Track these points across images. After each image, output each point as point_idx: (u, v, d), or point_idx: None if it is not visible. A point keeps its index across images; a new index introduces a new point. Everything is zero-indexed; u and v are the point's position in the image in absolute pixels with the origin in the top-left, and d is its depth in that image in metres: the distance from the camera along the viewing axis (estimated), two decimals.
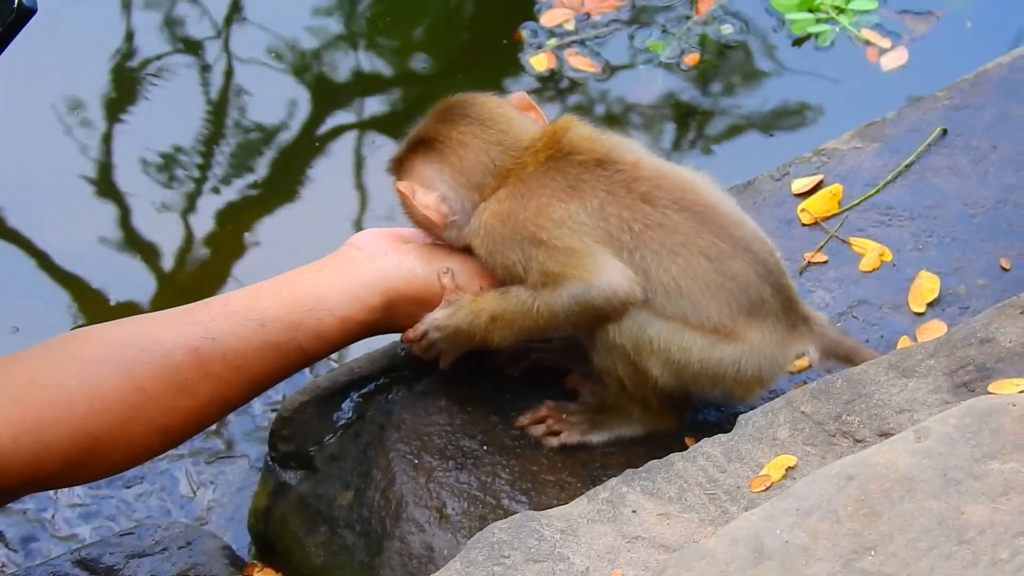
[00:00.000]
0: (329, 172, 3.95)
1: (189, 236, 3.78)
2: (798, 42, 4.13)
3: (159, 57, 4.12)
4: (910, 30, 4.16)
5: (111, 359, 2.58)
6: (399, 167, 2.78)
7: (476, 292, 2.74)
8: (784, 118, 4.08)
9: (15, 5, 2.26)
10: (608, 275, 2.62)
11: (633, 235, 2.64)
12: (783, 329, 2.70)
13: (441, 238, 2.79)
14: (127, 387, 2.58)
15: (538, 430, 2.81)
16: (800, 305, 2.73)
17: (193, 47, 4.14)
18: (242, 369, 2.65)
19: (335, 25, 4.26)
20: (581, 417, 2.80)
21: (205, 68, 4.10)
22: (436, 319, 2.72)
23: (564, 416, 2.80)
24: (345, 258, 2.76)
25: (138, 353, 2.59)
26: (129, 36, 4.16)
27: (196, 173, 3.90)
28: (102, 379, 2.57)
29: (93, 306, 3.61)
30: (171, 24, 4.21)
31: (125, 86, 4.03)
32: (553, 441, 2.79)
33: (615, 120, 4.01)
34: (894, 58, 4.09)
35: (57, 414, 2.54)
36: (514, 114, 2.77)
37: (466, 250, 2.77)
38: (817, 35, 4.12)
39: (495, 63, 4.10)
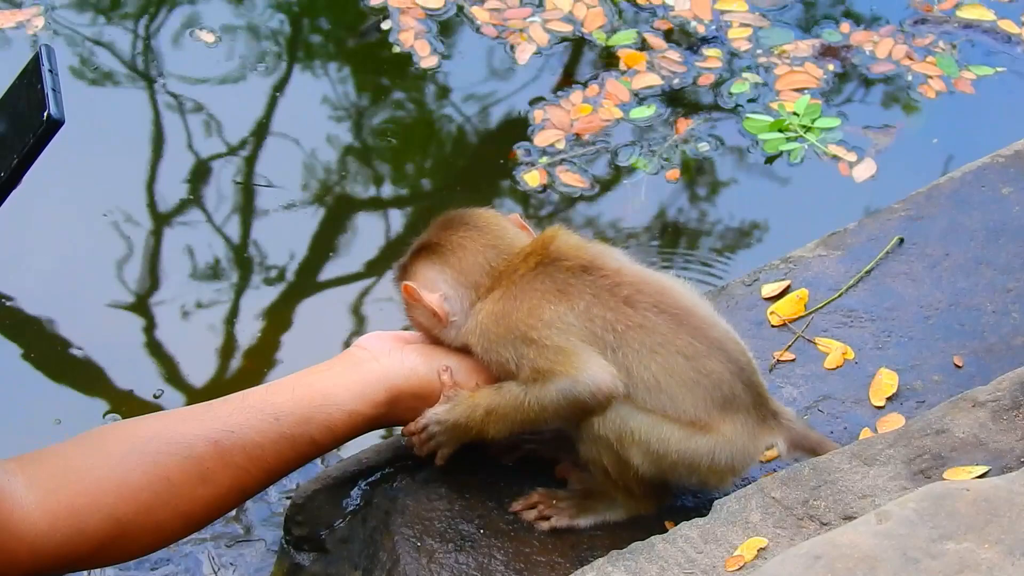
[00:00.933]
0: (336, 285, 4.00)
1: (216, 339, 3.82)
2: (770, 160, 4.17)
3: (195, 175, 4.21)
4: (874, 143, 4.23)
5: (137, 451, 2.63)
6: (404, 272, 2.84)
7: (473, 388, 2.78)
8: (755, 228, 4.13)
9: (44, 117, 2.27)
10: (592, 371, 2.66)
11: (616, 335, 2.68)
12: (754, 422, 2.73)
13: (439, 338, 2.83)
14: (153, 477, 2.63)
15: (530, 515, 2.84)
16: (770, 401, 2.76)
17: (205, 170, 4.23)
18: (259, 459, 2.70)
19: (345, 138, 4.31)
20: (570, 503, 2.83)
21: (222, 193, 4.17)
22: (436, 413, 2.77)
23: (554, 502, 2.83)
24: (352, 358, 2.81)
25: (163, 446, 2.64)
26: (158, 152, 4.24)
27: (220, 284, 3.93)
28: (130, 470, 2.62)
29: (127, 400, 3.65)
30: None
31: (153, 201, 4.08)
32: (544, 525, 2.82)
33: (602, 230, 4.06)
34: (864, 170, 4.13)
35: (89, 502, 2.59)
36: (508, 224, 2.83)
37: (463, 349, 2.82)
38: (789, 152, 4.17)
39: (492, 180, 4.16)
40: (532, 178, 4.13)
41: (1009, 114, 4.29)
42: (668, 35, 4.46)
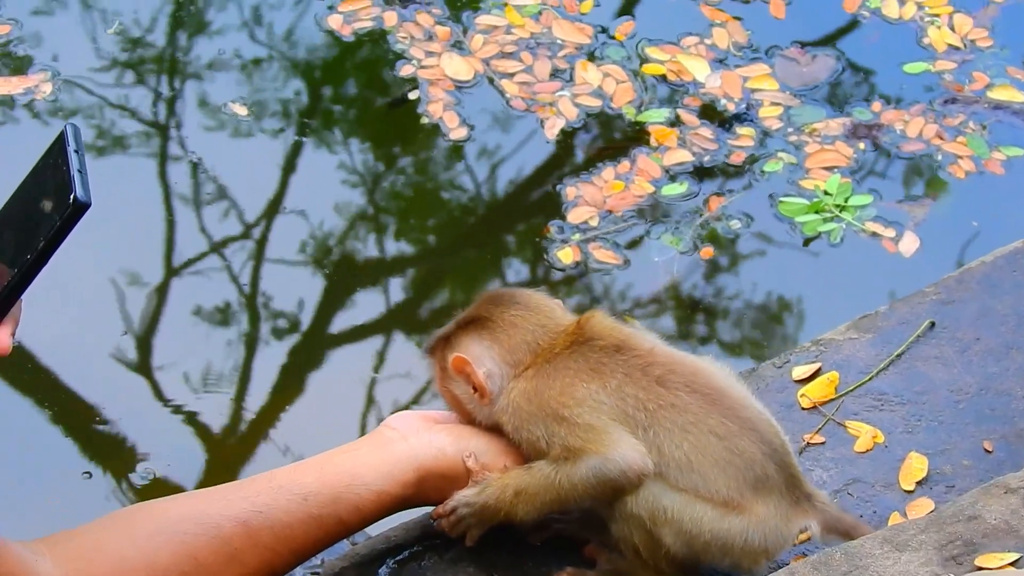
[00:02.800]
0: (358, 358, 4.03)
1: (231, 413, 3.84)
2: (807, 241, 4.21)
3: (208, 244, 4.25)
4: (911, 217, 4.27)
5: (166, 532, 2.66)
6: (446, 344, 2.85)
7: (502, 470, 2.80)
8: (790, 309, 4.17)
9: (70, 199, 2.24)
10: (622, 450, 2.68)
11: (648, 414, 2.71)
12: (787, 504, 2.74)
13: (471, 414, 2.86)
14: (181, 557, 2.65)
15: None
16: (803, 483, 2.77)
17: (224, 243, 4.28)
18: (287, 539, 2.71)
19: (366, 217, 4.34)
20: None
21: (238, 259, 4.22)
22: (465, 496, 2.79)
23: None
24: (381, 438, 2.84)
25: (191, 526, 2.66)
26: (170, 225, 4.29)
27: (240, 353, 3.98)
28: (158, 550, 2.64)
29: (142, 462, 3.70)
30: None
31: (168, 271, 4.13)
32: None
33: (634, 307, 4.10)
34: (909, 244, 4.17)
35: None
36: (555, 306, 2.86)
37: (492, 428, 2.84)
38: (828, 233, 4.20)
39: (525, 256, 4.20)
40: (565, 255, 4.17)
41: None
42: (699, 112, 4.51)
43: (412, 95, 4.54)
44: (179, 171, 4.37)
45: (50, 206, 2.28)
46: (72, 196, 2.24)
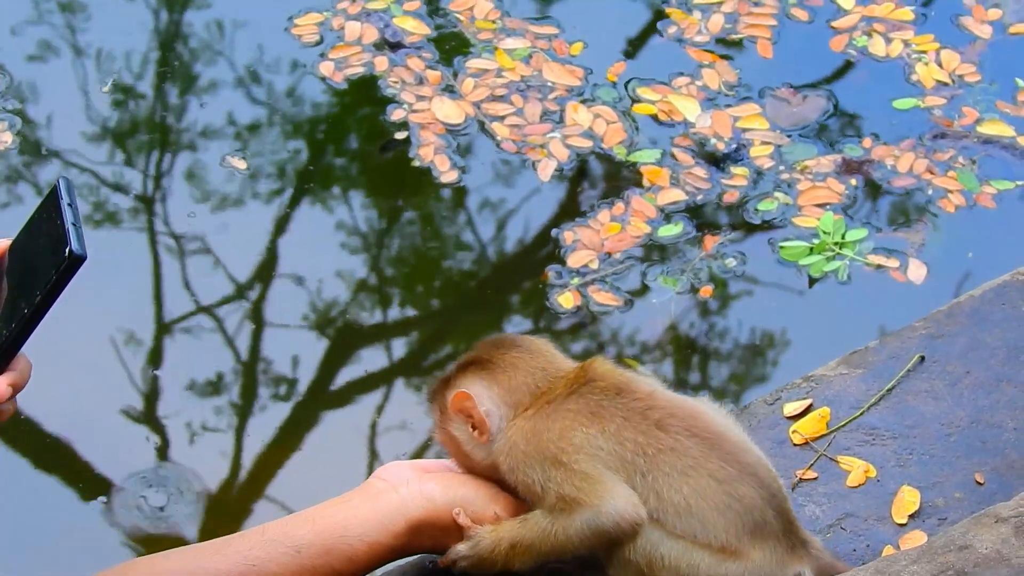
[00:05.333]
0: (356, 411, 4.09)
1: (229, 466, 3.91)
2: (812, 282, 4.27)
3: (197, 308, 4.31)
4: (909, 244, 4.34)
5: None
6: (446, 385, 2.88)
7: (493, 519, 2.83)
8: (779, 347, 4.23)
9: (66, 253, 2.27)
10: (616, 502, 2.71)
11: (647, 459, 2.73)
12: (783, 550, 2.76)
13: (468, 456, 2.89)
14: None
15: None
16: (799, 529, 2.80)
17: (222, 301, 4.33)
18: None
19: (361, 270, 4.41)
20: None
21: (236, 319, 4.27)
22: (460, 551, 2.82)
23: None
24: (372, 489, 2.87)
25: None
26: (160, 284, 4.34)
27: (234, 412, 4.03)
28: None
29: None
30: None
31: (162, 334, 4.19)
32: None
33: (634, 347, 4.16)
34: (917, 271, 4.27)
35: None
36: (557, 351, 2.90)
37: (485, 472, 2.88)
38: (836, 272, 4.27)
39: (527, 303, 4.27)
40: (566, 300, 4.24)
41: None
42: (695, 152, 4.58)
43: (399, 135, 4.59)
44: (178, 224, 4.43)
45: (46, 260, 2.31)
46: (68, 249, 2.28)
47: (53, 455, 3.86)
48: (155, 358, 4.12)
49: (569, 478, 2.74)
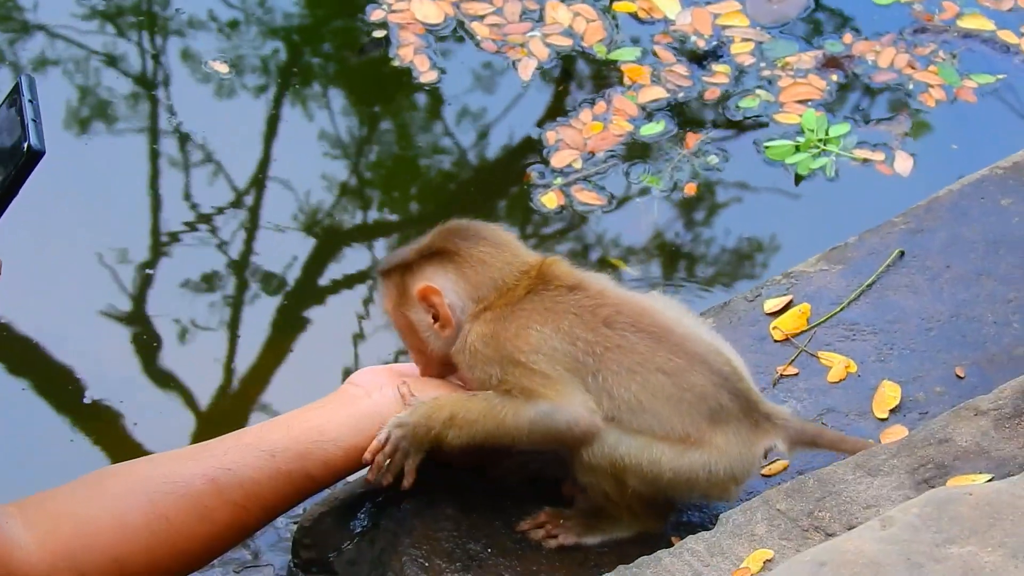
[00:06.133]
0: (338, 314, 4.08)
1: (215, 375, 3.91)
2: (798, 180, 4.26)
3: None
4: (894, 136, 4.34)
5: (135, 492, 2.72)
6: (405, 271, 2.88)
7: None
8: (767, 246, 4.23)
9: (24, 148, 2.28)
10: (574, 405, 2.74)
11: (595, 357, 2.75)
12: (747, 429, 2.78)
13: (420, 343, 2.89)
14: (152, 516, 2.71)
15: (537, 534, 2.90)
16: (761, 404, 2.82)
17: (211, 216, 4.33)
18: (257, 496, 2.78)
19: (343, 172, 4.40)
20: (576, 521, 2.90)
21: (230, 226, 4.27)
22: (398, 417, 2.83)
23: (561, 520, 2.90)
24: (345, 395, 2.90)
25: (160, 485, 2.72)
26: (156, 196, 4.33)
27: (221, 317, 4.03)
28: (128, 510, 2.70)
29: (126, 435, 3.75)
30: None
31: (155, 241, 4.19)
32: (551, 543, 2.88)
33: (617, 247, 4.14)
34: (904, 163, 4.27)
35: (89, 543, 2.67)
36: (519, 243, 2.91)
37: (433, 359, 2.91)
38: (823, 168, 4.27)
39: (507, 202, 4.27)
40: (549, 200, 4.23)
41: (1010, 124, 4.38)
42: (671, 50, 4.56)
43: (378, 33, 4.57)
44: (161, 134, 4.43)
45: (5, 156, 2.33)
46: (27, 144, 2.29)
47: (34, 361, 3.87)
48: (140, 262, 4.11)
49: (529, 375, 2.76)
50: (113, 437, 3.76)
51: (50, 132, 2.32)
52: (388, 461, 2.85)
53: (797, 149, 4.28)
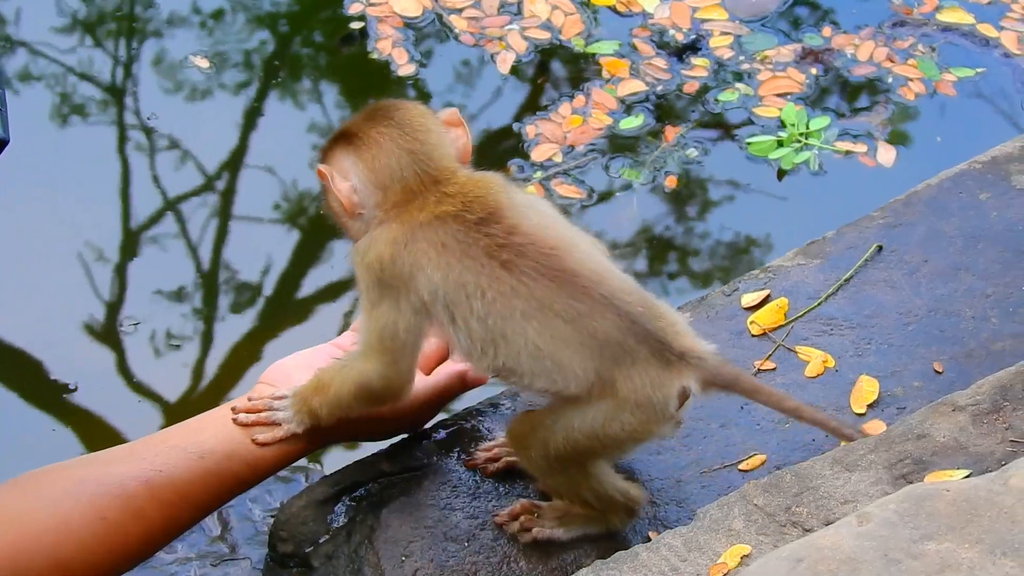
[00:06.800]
0: (320, 306, 4.08)
1: (194, 369, 3.89)
2: (781, 174, 4.23)
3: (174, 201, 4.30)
4: (874, 126, 4.34)
5: (73, 493, 2.75)
6: (324, 156, 2.82)
7: None
8: (755, 242, 4.22)
9: None
10: (385, 371, 2.77)
11: (484, 302, 2.68)
12: (656, 371, 2.69)
13: (348, 228, 2.83)
14: (90, 517, 2.75)
15: (513, 526, 2.91)
16: (675, 343, 2.71)
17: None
18: (188, 496, 2.82)
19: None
20: (552, 515, 2.90)
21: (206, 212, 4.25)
22: (278, 404, 2.90)
23: (536, 514, 2.91)
24: (259, 393, 2.94)
25: (96, 487, 2.77)
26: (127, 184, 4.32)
27: (201, 311, 4.00)
28: (68, 511, 2.74)
29: (102, 434, 3.74)
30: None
31: (135, 230, 4.17)
32: (526, 536, 2.90)
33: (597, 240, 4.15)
34: (886, 154, 4.26)
35: (30, 544, 2.71)
36: (436, 127, 2.81)
37: None
38: (806, 162, 4.24)
39: None
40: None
41: (989, 118, 4.39)
42: (650, 43, 4.56)
43: (355, 24, 4.56)
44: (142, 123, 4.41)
45: None
46: None
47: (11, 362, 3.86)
48: (126, 252, 4.09)
49: (376, 320, 2.75)
50: (94, 431, 3.75)
51: (25, 129, 2.30)
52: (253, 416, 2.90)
53: (779, 144, 4.27)
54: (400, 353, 2.76)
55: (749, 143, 4.30)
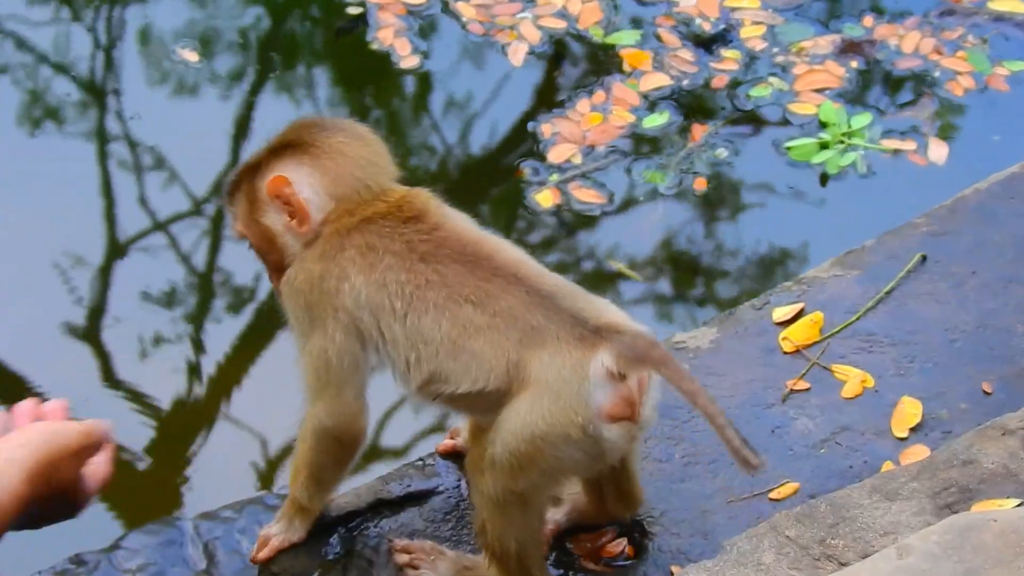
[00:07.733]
0: None
1: (181, 382, 3.91)
2: (824, 178, 4.22)
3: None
4: (922, 123, 4.37)
5: None
6: (253, 173, 2.83)
7: None
8: (794, 252, 4.24)
9: None
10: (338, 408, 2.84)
11: (404, 300, 2.75)
12: (568, 347, 2.70)
13: (277, 254, 2.86)
14: None
15: (401, 558, 2.95)
16: (589, 318, 2.72)
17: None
18: None
19: None
20: (450, 565, 2.92)
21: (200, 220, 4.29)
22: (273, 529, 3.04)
23: (432, 558, 2.93)
24: None
25: None
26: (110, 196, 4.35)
27: (187, 324, 4.03)
28: None
29: None
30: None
31: (123, 244, 4.20)
32: (411, 574, 2.93)
33: (620, 250, 4.12)
34: (938, 151, 4.25)
35: None
36: (384, 148, 2.88)
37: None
38: (853, 165, 4.24)
39: (500, 203, 4.27)
40: (544, 198, 4.22)
41: None
42: (676, 33, 4.59)
43: (354, 10, 4.59)
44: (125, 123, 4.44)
45: None
46: None
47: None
48: (108, 272, 4.12)
49: (317, 358, 2.82)
50: None
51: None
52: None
53: (822, 147, 4.27)
54: (340, 382, 2.83)
55: (789, 147, 4.30)
